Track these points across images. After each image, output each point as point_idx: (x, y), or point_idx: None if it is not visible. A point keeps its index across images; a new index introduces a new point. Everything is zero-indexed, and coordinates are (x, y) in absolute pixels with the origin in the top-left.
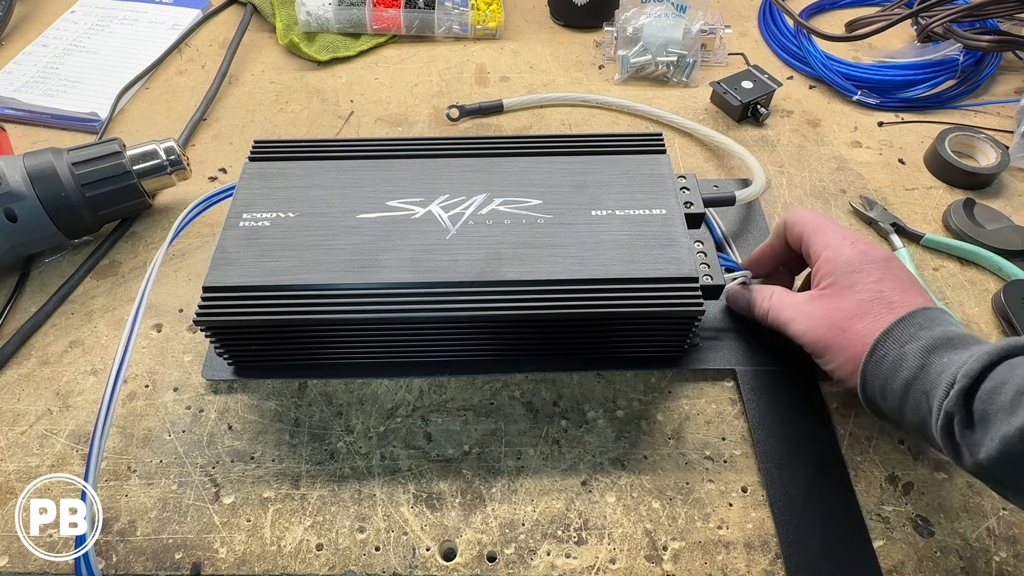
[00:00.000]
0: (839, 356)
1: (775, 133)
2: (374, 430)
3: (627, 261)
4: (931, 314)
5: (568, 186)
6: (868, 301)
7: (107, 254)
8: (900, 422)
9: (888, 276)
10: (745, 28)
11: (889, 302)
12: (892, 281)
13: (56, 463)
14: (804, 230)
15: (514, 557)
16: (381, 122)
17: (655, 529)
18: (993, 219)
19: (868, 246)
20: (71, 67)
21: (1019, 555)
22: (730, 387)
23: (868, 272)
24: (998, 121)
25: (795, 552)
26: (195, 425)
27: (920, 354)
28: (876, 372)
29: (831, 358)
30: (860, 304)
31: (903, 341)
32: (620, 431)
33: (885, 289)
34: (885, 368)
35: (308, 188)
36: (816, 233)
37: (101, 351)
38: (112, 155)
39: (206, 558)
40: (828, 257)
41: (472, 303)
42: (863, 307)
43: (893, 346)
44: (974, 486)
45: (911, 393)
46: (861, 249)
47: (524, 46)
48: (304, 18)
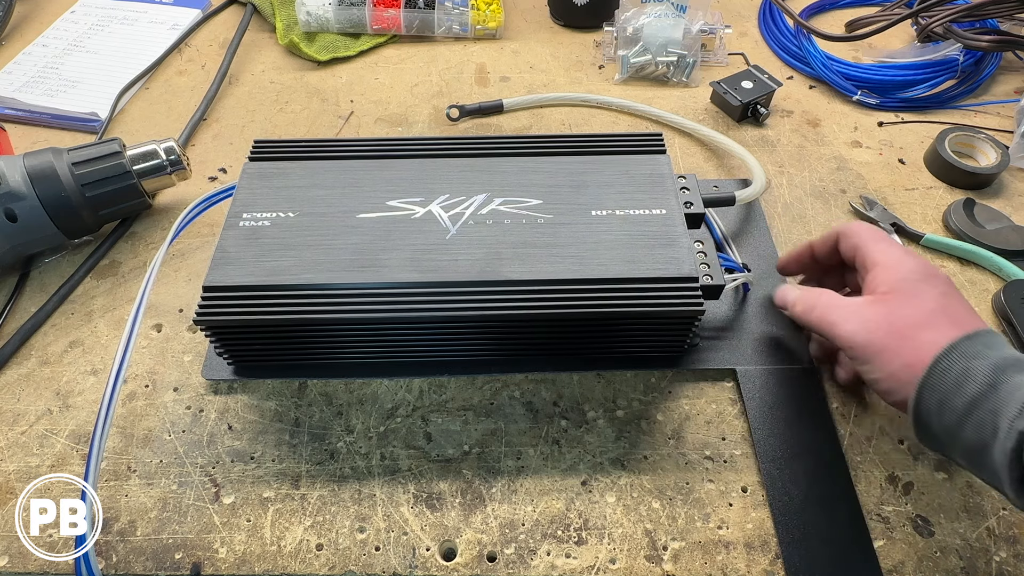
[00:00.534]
0: (893, 363)
1: (775, 133)
2: (374, 430)
3: (627, 261)
4: (998, 337)
5: (568, 186)
6: (934, 312)
7: (107, 254)
8: (952, 444)
9: (953, 292)
10: (745, 28)
11: (955, 318)
12: (957, 299)
13: (56, 463)
14: (860, 240)
15: (514, 557)
16: (381, 122)
17: (655, 529)
18: (993, 219)
19: (926, 263)
20: (71, 67)
21: (1019, 555)
22: (730, 387)
23: (934, 284)
24: (998, 121)
25: (795, 552)
26: (195, 425)
27: (990, 371)
28: (937, 385)
29: (883, 365)
30: (926, 313)
31: (970, 356)
32: (620, 431)
33: (951, 304)
34: (948, 382)
35: (308, 188)
36: (874, 242)
37: (101, 351)
38: (112, 155)
39: (206, 558)
40: (889, 264)
41: (472, 303)
42: (929, 317)
43: (959, 360)
44: (974, 486)
45: (976, 411)
46: (924, 263)
47: (524, 46)
48: (304, 18)
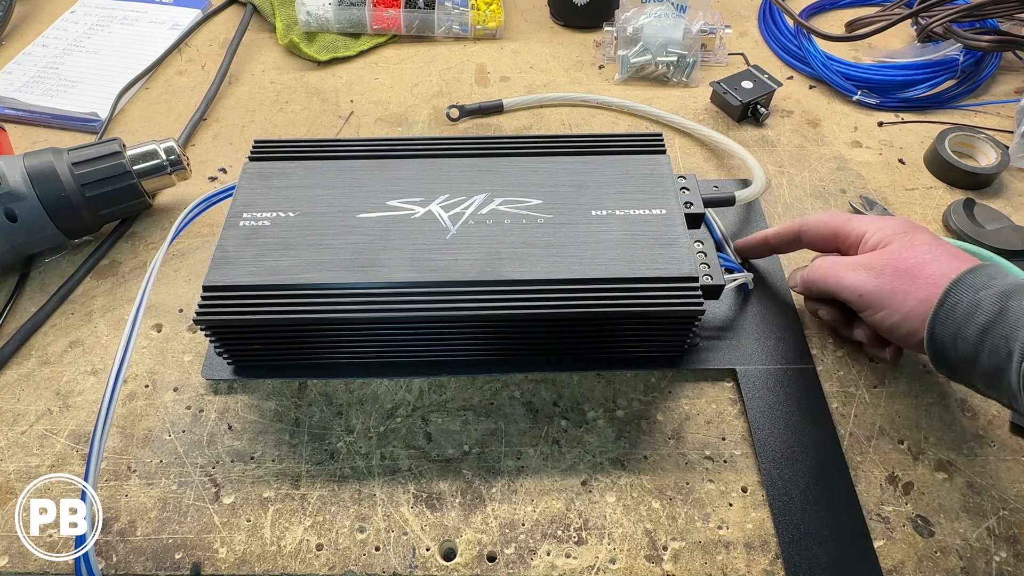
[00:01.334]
0: (906, 302)
1: (775, 133)
2: (374, 430)
3: (627, 261)
4: (1000, 266)
5: (568, 186)
6: (932, 249)
7: (107, 254)
8: (970, 373)
9: (941, 240)
10: (745, 28)
11: (954, 255)
12: (947, 245)
13: (56, 463)
14: (834, 224)
15: (514, 557)
16: (381, 122)
17: (655, 529)
18: (993, 219)
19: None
20: (71, 67)
21: (1019, 555)
22: (730, 387)
23: (922, 231)
24: (998, 121)
25: (795, 552)
26: (195, 425)
27: (997, 299)
28: (948, 319)
29: (898, 305)
30: (924, 252)
31: (976, 288)
32: (620, 431)
33: (943, 244)
34: (959, 314)
35: (308, 188)
36: (848, 220)
37: (101, 351)
38: (112, 155)
39: (206, 558)
40: (875, 227)
41: (472, 303)
42: (928, 254)
43: (967, 292)
44: (974, 486)
45: (988, 338)
46: (905, 219)
47: (524, 46)
48: (304, 18)
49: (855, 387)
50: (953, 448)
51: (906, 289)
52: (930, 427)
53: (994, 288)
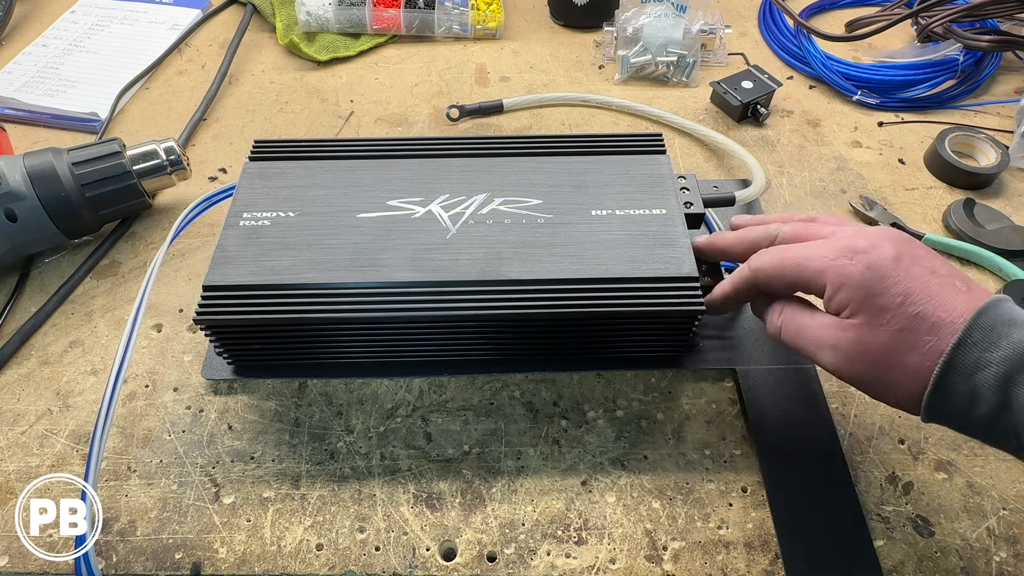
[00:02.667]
0: (891, 393)
1: (775, 133)
2: (374, 430)
3: (627, 261)
4: (986, 322)
5: (568, 186)
6: (906, 330)
7: (107, 254)
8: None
9: (913, 285)
10: (745, 28)
11: (931, 324)
12: (920, 291)
13: (56, 463)
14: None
15: (514, 557)
16: (381, 122)
17: (655, 529)
18: (993, 219)
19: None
20: (71, 67)
21: (1019, 555)
22: (730, 387)
23: (888, 293)
24: (998, 121)
25: (795, 552)
26: (195, 425)
27: (997, 387)
28: (944, 410)
29: (881, 395)
30: (899, 336)
31: (969, 372)
32: (620, 431)
33: (918, 308)
34: (955, 404)
35: (308, 188)
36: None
37: (101, 351)
38: (112, 155)
39: (206, 558)
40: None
41: (472, 302)
42: (905, 339)
43: (959, 381)
44: (974, 486)
45: (996, 430)
46: (865, 263)
47: (524, 46)
48: (304, 18)
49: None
50: (953, 448)
51: (887, 381)
52: (930, 427)
53: (991, 368)
